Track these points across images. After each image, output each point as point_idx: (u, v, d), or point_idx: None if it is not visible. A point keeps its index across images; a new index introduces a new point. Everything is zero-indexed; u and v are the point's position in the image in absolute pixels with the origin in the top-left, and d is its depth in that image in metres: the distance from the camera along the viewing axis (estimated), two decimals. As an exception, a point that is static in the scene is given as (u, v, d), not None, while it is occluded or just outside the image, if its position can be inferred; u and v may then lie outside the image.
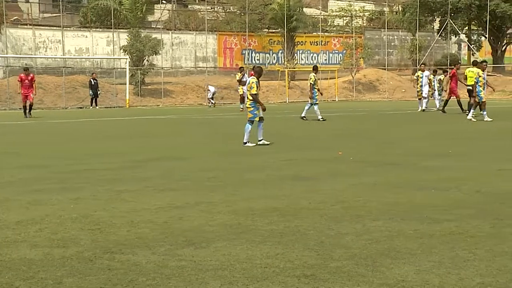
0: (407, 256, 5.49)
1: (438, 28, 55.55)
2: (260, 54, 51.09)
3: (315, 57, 52.94)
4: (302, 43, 52.66)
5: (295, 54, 50.92)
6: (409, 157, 12.72)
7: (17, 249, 5.95)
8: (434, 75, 31.01)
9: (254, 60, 50.10)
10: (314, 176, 10.29)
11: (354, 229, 6.50)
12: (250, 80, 15.56)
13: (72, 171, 11.36)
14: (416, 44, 53.07)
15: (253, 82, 15.32)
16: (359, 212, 7.32)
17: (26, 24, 45.90)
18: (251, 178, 10.26)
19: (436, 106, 30.03)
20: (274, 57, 51.52)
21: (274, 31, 52.39)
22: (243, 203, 7.96)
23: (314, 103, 23.63)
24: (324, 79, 45.08)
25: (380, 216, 7.05)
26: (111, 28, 44.80)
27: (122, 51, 43.25)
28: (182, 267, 5.26)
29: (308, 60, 52.74)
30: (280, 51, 50.98)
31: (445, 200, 8.02)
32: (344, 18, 60.50)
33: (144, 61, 43.30)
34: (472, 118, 22.32)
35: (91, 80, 39.67)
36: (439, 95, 30.70)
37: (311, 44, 53.38)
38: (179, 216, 7.25)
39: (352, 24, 57.25)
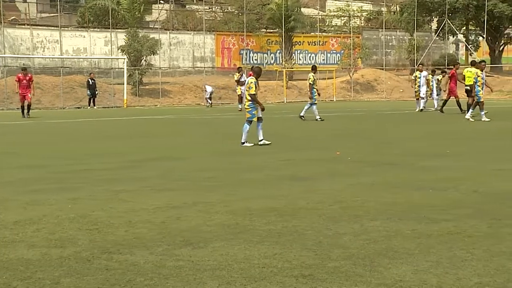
0: (405, 256, 5.49)
1: (436, 28, 55.59)
2: (258, 54, 51.11)
3: (313, 57, 52.95)
4: (300, 43, 52.69)
5: (293, 54, 50.97)
6: (407, 157, 12.73)
7: (14, 249, 5.94)
8: (432, 75, 31.03)
9: (252, 60, 50.11)
10: (312, 176, 10.29)
11: (352, 229, 6.50)
12: (249, 80, 15.54)
13: (70, 171, 11.36)
14: (414, 44, 53.11)
15: (251, 82, 15.31)
16: (357, 212, 7.32)
17: (24, 24, 45.88)
18: (249, 178, 10.26)
19: (434, 106, 30.05)
20: (272, 57, 51.54)
21: (272, 31, 52.42)
22: (241, 203, 7.95)
23: (313, 103, 23.63)
24: (322, 79, 45.09)
25: (378, 216, 7.05)
26: (109, 28, 44.79)
27: (120, 51, 43.24)
28: (180, 267, 5.26)
29: (306, 60, 52.77)
30: (278, 51, 51.00)
31: (443, 200, 8.02)
32: (342, 18, 60.55)
33: (142, 61, 43.30)
34: (470, 118, 22.34)
35: (89, 80, 39.66)
36: (437, 95, 30.72)
37: (309, 44, 53.42)
38: (177, 216, 7.24)
39: (350, 24, 57.30)
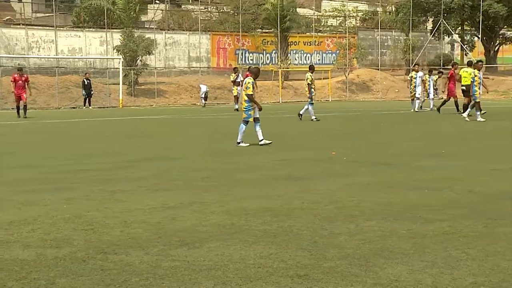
0: (400, 256, 5.49)
1: (431, 28, 55.67)
2: (253, 54, 51.12)
3: (308, 57, 52.98)
4: (295, 43, 52.71)
5: (289, 54, 50.96)
6: (402, 157, 12.74)
7: (9, 249, 5.93)
8: (429, 75, 31.05)
9: (248, 60, 50.12)
10: (307, 176, 10.29)
11: (348, 229, 6.51)
12: (246, 81, 15.54)
13: (65, 171, 11.34)
14: (409, 44, 53.17)
15: (249, 83, 15.31)
16: (353, 212, 7.32)
17: (19, 24, 45.80)
18: (245, 178, 10.26)
19: (430, 106, 30.09)
20: (268, 57, 51.55)
21: (267, 31, 52.42)
22: (237, 203, 7.95)
23: (310, 103, 23.62)
24: (318, 79, 44.98)
25: (373, 216, 7.06)
26: (104, 28, 44.74)
27: (115, 51, 43.19)
28: (175, 268, 5.25)
29: (301, 60, 52.80)
30: (274, 51, 51.01)
31: (438, 200, 8.03)
32: (338, 18, 60.62)
33: (138, 61, 43.25)
34: (466, 117, 22.37)
35: (84, 80, 39.61)
36: (435, 95, 30.77)
37: (305, 44, 53.44)
38: (172, 216, 7.24)
39: (345, 24, 57.34)
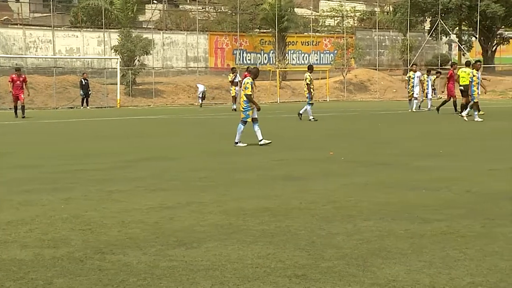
0: (398, 256, 5.50)
1: (429, 28, 55.69)
2: (251, 54, 51.11)
3: (306, 57, 52.98)
4: (293, 43, 52.71)
5: (286, 54, 50.96)
6: (400, 157, 12.75)
7: (7, 249, 5.92)
8: (428, 75, 31.05)
9: (246, 60, 50.11)
10: (305, 176, 10.29)
11: (345, 229, 6.51)
12: (245, 81, 15.55)
13: (63, 171, 11.33)
14: (407, 44, 53.19)
15: (248, 83, 15.32)
16: (350, 212, 7.32)
17: (17, 24, 45.73)
18: (243, 178, 10.26)
19: (428, 106, 30.10)
20: (266, 57, 51.54)
21: (265, 31, 52.42)
22: (234, 203, 7.95)
23: (308, 103, 23.63)
24: (316, 79, 44.79)
25: (371, 216, 7.06)
26: (102, 28, 44.71)
27: (113, 51, 43.15)
28: (173, 268, 5.25)
29: (299, 60, 52.80)
30: (271, 51, 51.00)
31: (436, 200, 8.03)
32: (335, 18, 60.63)
33: (135, 61, 43.22)
34: (465, 117, 22.39)
35: (82, 80, 39.57)
36: (433, 95, 30.79)
37: (302, 44, 53.44)
38: (170, 216, 7.24)
39: (343, 24, 57.37)
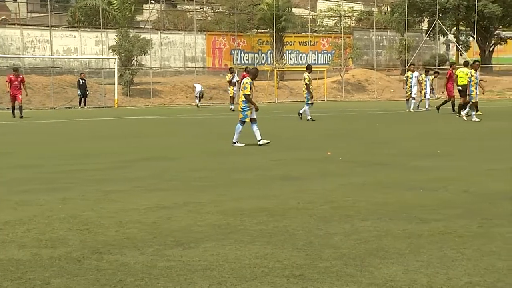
0: (396, 256, 5.50)
1: (427, 28, 55.73)
2: (249, 54, 51.08)
3: (304, 57, 52.97)
4: (291, 43, 52.69)
5: (284, 54, 50.93)
6: (398, 157, 12.75)
7: (4, 249, 5.92)
8: (426, 75, 31.06)
9: (243, 60, 50.09)
10: (303, 176, 10.29)
11: (343, 229, 6.51)
12: (244, 81, 15.57)
13: (61, 171, 11.32)
14: (405, 45, 53.21)
15: (246, 83, 15.34)
16: (348, 212, 7.33)
17: (14, 24, 45.69)
18: (240, 178, 10.26)
19: (426, 106, 30.10)
20: (263, 57, 51.52)
21: (263, 31, 52.39)
22: (232, 203, 7.95)
23: (306, 103, 23.64)
24: (313, 79, 44.87)
25: (368, 216, 7.07)
26: (100, 28, 44.65)
27: (110, 51, 43.11)
28: (170, 268, 5.25)
29: (297, 60, 52.79)
30: (269, 51, 50.98)
31: (433, 200, 8.04)
32: (333, 18, 60.65)
33: (133, 61, 43.18)
34: (464, 117, 22.41)
35: (80, 80, 39.52)
36: (431, 95, 30.82)
37: (300, 44, 53.43)
38: (167, 216, 7.23)
39: (341, 24, 57.38)
